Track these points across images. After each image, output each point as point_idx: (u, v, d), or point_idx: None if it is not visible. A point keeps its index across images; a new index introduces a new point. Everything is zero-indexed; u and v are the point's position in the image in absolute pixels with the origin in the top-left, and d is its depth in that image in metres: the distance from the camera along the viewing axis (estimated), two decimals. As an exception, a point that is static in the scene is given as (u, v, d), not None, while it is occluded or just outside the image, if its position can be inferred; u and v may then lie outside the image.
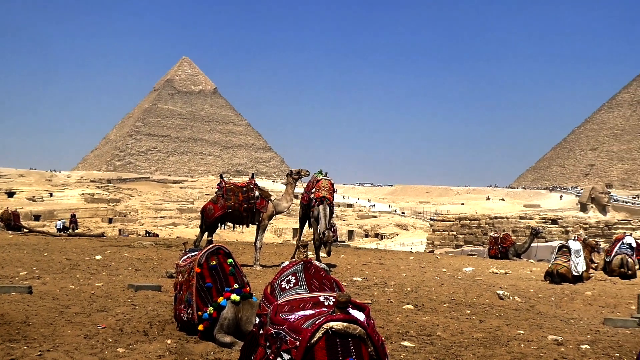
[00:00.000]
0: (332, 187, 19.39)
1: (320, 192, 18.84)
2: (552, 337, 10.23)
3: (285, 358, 3.94)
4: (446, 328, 10.58)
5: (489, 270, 23.16)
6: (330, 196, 19.00)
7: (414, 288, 15.77)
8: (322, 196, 18.75)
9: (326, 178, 19.44)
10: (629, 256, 25.25)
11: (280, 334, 4.07)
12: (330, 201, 18.98)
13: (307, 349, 3.80)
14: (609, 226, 66.50)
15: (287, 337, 3.99)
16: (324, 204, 18.61)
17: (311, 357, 3.81)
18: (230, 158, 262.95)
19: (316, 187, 19.11)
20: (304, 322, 4.02)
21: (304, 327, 3.94)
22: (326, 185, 19.11)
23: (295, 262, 4.93)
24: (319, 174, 19.70)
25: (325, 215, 18.40)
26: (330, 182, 19.46)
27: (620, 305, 15.87)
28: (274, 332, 4.12)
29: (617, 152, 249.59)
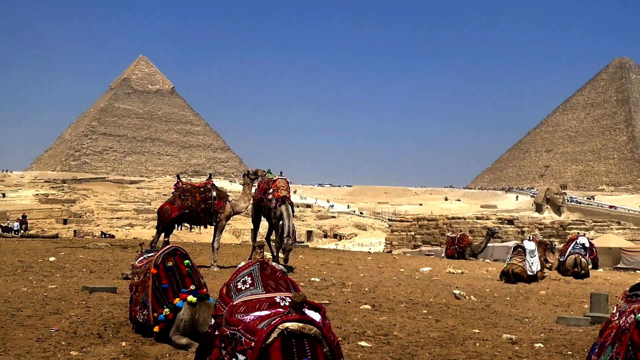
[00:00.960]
0: (287, 185, 19.35)
1: (280, 192, 18.76)
2: (506, 336, 10.36)
3: (240, 359, 3.91)
4: (403, 328, 10.64)
5: (446, 270, 23.36)
6: (288, 195, 18.96)
7: (372, 288, 15.83)
8: (283, 196, 18.69)
9: (282, 177, 19.36)
10: (582, 256, 25.73)
11: (236, 335, 4.03)
12: (290, 199, 18.95)
13: (263, 350, 3.78)
14: (563, 226, 67.69)
15: (242, 338, 3.96)
16: (286, 204, 18.56)
17: (266, 358, 3.78)
18: (188, 158, 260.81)
19: (273, 187, 18.99)
20: (259, 322, 4.00)
21: (259, 327, 3.91)
22: (283, 184, 19.04)
23: (252, 262, 4.91)
24: (269, 173, 19.61)
25: (289, 215, 18.35)
26: (287, 180, 19.40)
27: (573, 304, 16.16)
28: (230, 333, 4.09)
29: (571, 154, 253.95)
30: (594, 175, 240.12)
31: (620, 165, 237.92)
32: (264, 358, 3.78)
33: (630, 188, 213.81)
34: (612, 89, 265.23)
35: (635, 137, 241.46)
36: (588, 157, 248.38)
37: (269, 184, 19.21)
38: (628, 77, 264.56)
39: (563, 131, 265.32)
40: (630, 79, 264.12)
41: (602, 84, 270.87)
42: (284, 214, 18.30)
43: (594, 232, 64.33)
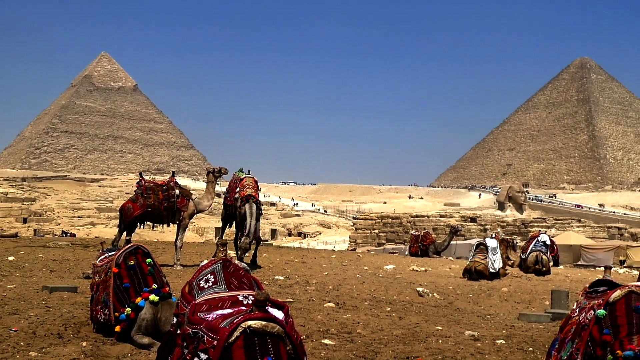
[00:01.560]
0: (256, 184, 19.21)
1: (245, 191, 18.65)
2: (469, 332, 10.44)
3: (202, 358, 3.88)
4: (366, 325, 10.66)
5: (409, 267, 23.48)
6: (255, 193, 18.82)
7: (336, 286, 15.85)
8: (248, 194, 18.57)
9: (249, 176, 19.20)
10: (543, 253, 26.07)
11: (198, 334, 4.00)
12: (257, 199, 18.80)
13: (225, 348, 3.75)
14: (525, 224, 68.51)
15: (204, 337, 3.92)
16: (250, 202, 18.46)
17: (229, 357, 3.75)
18: (151, 156, 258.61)
19: (240, 185, 18.88)
20: (222, 321, 3.97)
21: (221, 326, 3.88)
22: (250, 183, 18.92)
23: (214, 260, 4.87)
24: (240, 172, 19.48)
25: (252, 214, 18.22)
26: (254, 179, 19.25)
27: (534, 300, 16.36)
28: (192, 332, 4.05)
29: (533, 153, 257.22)
30: (555, 173, 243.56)
31: (580, 164, 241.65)
32: (227, 357, 3.75)
33: (591, 186, 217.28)
34: (573, 88, 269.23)
35: (596, 136, 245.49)
36: (549, 155, 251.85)
37: (237, 183, 19.10)
38: (589, 77, 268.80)
39: (525, 130, 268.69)
40: (591, 79, 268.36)
41: (563, 84, 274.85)
42: (247, 212, 18.20)
43: (555, 230, 65.22)
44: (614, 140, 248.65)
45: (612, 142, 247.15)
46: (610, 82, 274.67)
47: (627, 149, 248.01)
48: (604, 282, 6.22)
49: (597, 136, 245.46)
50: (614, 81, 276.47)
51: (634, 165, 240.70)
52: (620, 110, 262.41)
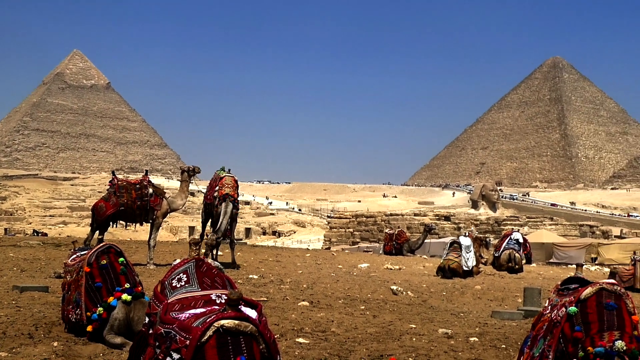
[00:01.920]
0: (236, 184, 19.08)
1: (224, 190, 18.57)
2: (442, 330, 10.48)
3: (175, 357, 3.85)
4: (341, 324, 10.66)
5: (383, 266, 23.54)
6: (234, 193, 18.70)
7: (310, 285, 15.84)
8: (225, 194, 18.49)
9: (229, 175, 19.10)
10: (516, 251, 26.28)
11: (170, 333, 3.96)
12: (234, 198, 18.70)
13: (198, 348, 3.72)
14: (498, 222, 68.95)
15: (177, 336, 3.89)
16: (227, 202, 18.38)
17: (202, 356, 3.73)
18: (124, 155, 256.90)
19: (220, 184, 18.80)
20: (194, 320, 3.94)
21: (194, 325, 3.86)
22: (229, 182, 18.81)
23: (187, 259, 4.84)
24: (222, 171, 19.37)
25: (226, 213, 18.14)
26: (234, 178, 19.11)
27: (507, 298, 16.48)
28: (164, 332, 4.02)
29: (506, 151, 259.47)
30: (528, 172, 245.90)
31: (553, 163, 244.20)
32: (199, 356, 3.73)
33: (563, 185, 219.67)
34: (545, 88, 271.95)
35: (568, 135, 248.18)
36: (522, 154, 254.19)
37: (217, 181, 19.02)
38: (561, 77, 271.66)
39: (498, 129, 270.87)
40: (563, 78, 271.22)
41: (536, 83, 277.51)
42: (222, 211, 18.14)
43: (527, 228, 65.67)
44: (585, 139, 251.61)
45: (583, 140, 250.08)
46: (582, 81, 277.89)
47: (598, 147, 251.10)
48: (575, 279, 6.28)
49: (569, 135, 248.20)
50: (585, 80, 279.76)
51: (605, 164, 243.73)
52: (592, 109, 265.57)
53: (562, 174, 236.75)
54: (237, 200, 18.86)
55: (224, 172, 19.24)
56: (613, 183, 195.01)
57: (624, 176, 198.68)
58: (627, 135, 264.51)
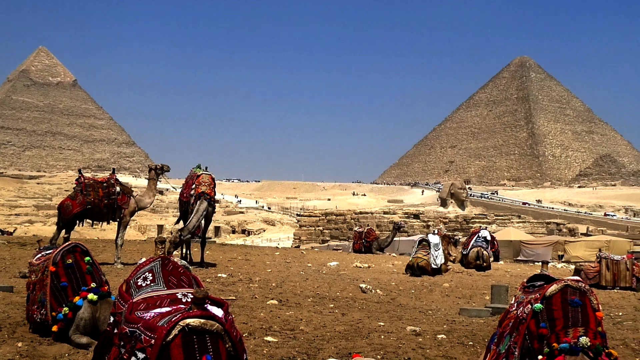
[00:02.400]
0: (212, 181, 18.89)
1: (200, 188, 18.44)
2: (410, 328, 10.53)
3: (140, 357, 3.81)
4: (309, 322, 10.66)
5: (353, 264, 23.57)
6: (210, 191, 18.53)
7: (279, 283, 15.81)
8: (202, 192, 18.38)
9: (207, 173, 18.91)
10: (484, 249, 26.49)
11: (135, 333, 3.92)
12: (211, 196, 18.54)
13: (163, 347, 3.68)
14: (467, 220, 69.41)
15: (142, 336, 3.85)
16: (202, 200, 18.27)
17: (167, 355, 3.69)
18: (91, 153, 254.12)
19: (196, 182, 18.66)
20: (159, 319, 3.90)
21: (159, 324, 3.82)
22: (206, 180, 18.64)
23: (153, 258, 4.79)
24: (198, 169, 19.19)
25: (198, 211, 18.02)
26: (211, 176, 18.90)
27: (475, 295, 16.60)
28: (129, 331, 3.97)
29: (474, 150, 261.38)
30: (496, 170, 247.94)
31: (520, 161, 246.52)
32: (165, 355, 3.69)
33: (530, 183, 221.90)
34: (513, 87, 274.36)
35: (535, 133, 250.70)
36: (490, 152, 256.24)
37: (193, 179, 18.86)
38: (528, 76, 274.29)
39: (467, 127, 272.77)
40: (530, 78, 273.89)
41: (503, 82, 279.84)
42: (195, 208, 18.06)
43: (495, 226, 66.27)
44: (552, 137, 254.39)
45: (550, 139, 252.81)
46: (549, 80, 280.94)
47: (565, 146, 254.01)
48: (541, 276, 6.34)
49: (536, 134, 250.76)
50: (552, 80, 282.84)
51: (571, 162, 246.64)
52: (559, 109, 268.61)
53: (529, 172, 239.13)
54: (213, 198, 18.72)
55: (201, 170, 19.10)
56: (579, 181, 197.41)
57: (590, 174, 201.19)
58: (593, 134, 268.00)
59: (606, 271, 20.38)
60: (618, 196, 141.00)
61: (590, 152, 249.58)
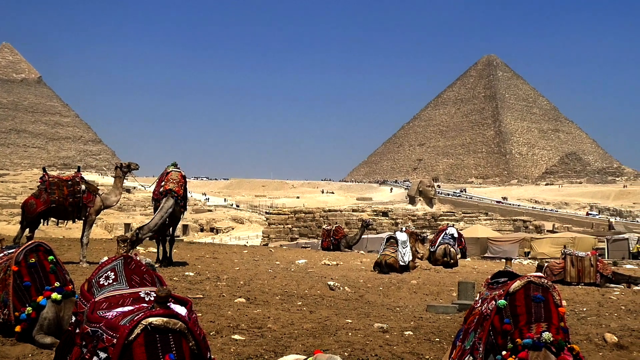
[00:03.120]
0: (182, 179, 18.53)
1: (168, 185, 18.24)
2: (378, 325, 10.57)
3: (102, 357, 3.77)
4: (277, 320, 10.65)
5: (321, 262, 23.59)
6: (178, 189, 18.26)
7: (247, 281, 15.76)
8: (169, 189, 18.19)
9: (176, 170, 18.61)
10: (451, 246, 26.71)
11: (97, 332, 3.88)
12: (178, 194, 18.26)
13: (125, 347, 3.65)
14: (435, 218, 69.92)
15: (104, 335, 3.81)
16: (168, 197, 18.10)
17: (129, 355, 3.65)
18: (57, 151, 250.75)
19: (165, 179, 18.47)
20: (122, 318, 3.86)
21: (121, 324, 3.78)
22: (175, 177, 18.39)
23: (115, 257, 4.74)
24: (172, 166, 18.98)
25: (162, 208, 17.83)
26: (181, 174, 18.56)
27: (442, 292, 16.71)
28: (91, 331, 3.93)
29: (442, 148, 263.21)
30: (463, 168, 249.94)
31: (488, 159, 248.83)
32: (127, 355, 3.65)
33: (497, 181, 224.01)
34: (480, 85, 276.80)
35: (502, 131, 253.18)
36: (458, 150, 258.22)
37: (163, 177, 18.65)
38: (495, 74, 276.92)
39: (435, 125, 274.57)
40: (497, 76, 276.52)
41: (471, 81, 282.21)
42: (160, 205, 17.91)
43: (463, 223, 66.83)
44: (519, 135, 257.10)
45: (517, 137, 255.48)
46: (516, 79, 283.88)
47: (531, 144, 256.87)
48: (504, 273, 6.40)
49: (503, 132, 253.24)
50: (519, 78, 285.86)
51: (538, 160, 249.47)
52: (525, 107, 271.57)
53: (496, 170, 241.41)
54: (180, 196, 18.41)
55: (172, 167, 18.90)
56: (546, 179, 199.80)
57: (556, 172, 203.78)
58: (559, 132, 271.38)
59: (571, 267, 20.64)
60: (583, 194, 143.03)
61: (556, 150, 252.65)
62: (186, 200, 19.10)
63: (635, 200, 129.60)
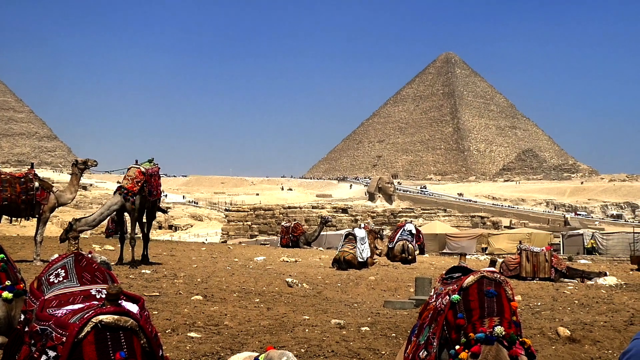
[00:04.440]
0: (140, 175, 17.93)
1: (123, 182, 18.05)
2: (335, 321, 10.59)
3: (51, 355, 3.70)
4: (234, 317, 10.61)
5: (280, 258, 23.59)
6: (131, 185, 17.79)
7: (204, 279, 15.68)
8: (120, 186, 17.99)
9: (136, 166, 18.18)
10: (409, 242, 26.92)
11: (46, 330, 3.81)
12: (128, 190, 17.84)
13: (75, 345, 3.59)
14: (394, 214, 70.35)
15: (53, 333, 3.74)
16: (115, 194, 17.89)
17: (79, 353, 3.59)
18: (10, 147, 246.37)
19: (125, 176, 18.22)
20: (72, 316, 3.80)
21: (71, 321, 3.71)
22: (132, 174, 18.00)
23: (66, 254, 4.66)
24: (147, 163, 18.59)
25: (103, 205, 17.67)
26: (139, 170, 17.95)
27: (400, 288, 16.82)
28: (40, 329, 3.86)
29: (402, 144, 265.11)
30: (422, 165, 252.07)
31: (446, 156, 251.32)
32: (77, 353, 3.59)
33: (456, 177, 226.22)
34: (439, 82, 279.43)
35: (460, 128, 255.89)
36: (417, 147, 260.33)
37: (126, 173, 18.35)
38: (453, 72, 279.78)
39: (394, 122, 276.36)
40: (456, 74, 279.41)
41: (430, 78, 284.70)
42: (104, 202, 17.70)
43: (422, 220, 67.33)
44: (477, 132, 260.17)
45: (475, 134, 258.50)
46: (474, 76, 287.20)
47: (489, 141, 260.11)
48: (459, 268, 6.46)
49: (462, 129, 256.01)
50: (476, 76, 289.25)
51: (495, 157, 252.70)
52: (483, 104, 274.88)
53: (455, 166, 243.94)
54: (130, 193, 17.96)
55: (149, 164, 18.53)
56: (503, 175, 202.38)
57: (513, 169, 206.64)
58: (516, 129, 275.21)
59: (526, 263, 20.95)
60: (540, 190, 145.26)
61: (513, 147, 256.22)
62: (153, 196, 18.48)
63: (590, 196, 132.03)
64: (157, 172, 18.64)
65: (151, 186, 18.25)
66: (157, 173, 18.64)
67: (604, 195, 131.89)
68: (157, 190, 18.53)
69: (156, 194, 18.48)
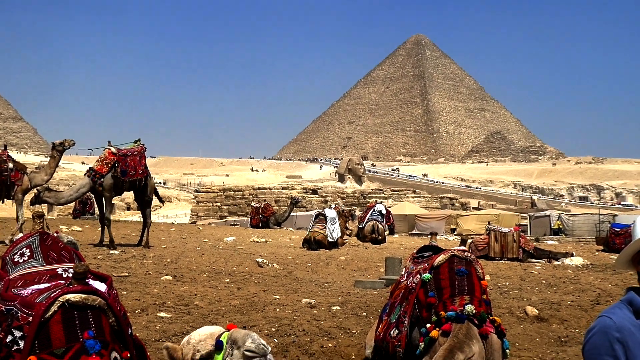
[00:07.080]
0: (110, 156, 17.52)
1: (94, 164, 17.82)
2: (306, 300, 10.60)
3: (17, 335, 3.62)
4: (204, 297, 10.56)
5: (250, 239, 23.54)
6: (100, 167, 17.50)
7: (174, 259, 15.58)
8: (89, 167, 17.78)
9: (108, 147, 17.94)
10: (379, 222, 27.02)
11: (12, 310, 3.73)
12: (99, 172, 17.52)
13: (41, 324, 3.52)
14: (364, 195, 70.48)
15: (19, 313, 3.66)
16: (84, 175, 17.69)
17: (46, 332, 3.53)
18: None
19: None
20: (38, 296, 3.72)
21: (37, 301, 3.64)
22: (103, 155, 17.69)
23: (31, 233, 4.57)
24: (133, 143, 18.36)
25: (71, 187, 17.47)
26: (110, 151, 17.64)
27: (370, 268, 16.89)
28: (5, 309, 3.77)
29: (372, 126, 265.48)
30: (392, 146, 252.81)
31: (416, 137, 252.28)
32: (44, 332, 3.53)
33: (425, 159, 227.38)
34: (409, 64, 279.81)
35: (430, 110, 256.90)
36: (387, 129, 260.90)
37: None
38: (424, 54, 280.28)
39: (364, 104, 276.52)
40: (426, 55, 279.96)
41: (400, 60, 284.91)
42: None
43: (391, 201, 67.54)
44: (446, 114, 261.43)
45: (444, 116, 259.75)
46: (443, 58, 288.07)
47: (458, 123, 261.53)
48: (429, 247, 6.48)
49: (431, 110, 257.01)
50: (446, 58, 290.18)
51: (464, 139, 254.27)
52: (452, 86, 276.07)
53: (424, 148, 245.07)
54: (98, 174, 17.64)
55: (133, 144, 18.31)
56: (472, 157, 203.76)
57: (482, 151, 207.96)
58: (485, 111, 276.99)
59: (495, 243, 21.14)
60: (508, 172, 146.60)
61: (481, 129, 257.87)
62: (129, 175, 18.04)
63: (557, 178, 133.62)
64: (140, 152, 18.26)
65: (126, 166, 17.85)
66: (140, 153, 18.25)
67: (570, 177, 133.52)
68: (135, 171, 18.10)
69: (134, 174, 18.05)
